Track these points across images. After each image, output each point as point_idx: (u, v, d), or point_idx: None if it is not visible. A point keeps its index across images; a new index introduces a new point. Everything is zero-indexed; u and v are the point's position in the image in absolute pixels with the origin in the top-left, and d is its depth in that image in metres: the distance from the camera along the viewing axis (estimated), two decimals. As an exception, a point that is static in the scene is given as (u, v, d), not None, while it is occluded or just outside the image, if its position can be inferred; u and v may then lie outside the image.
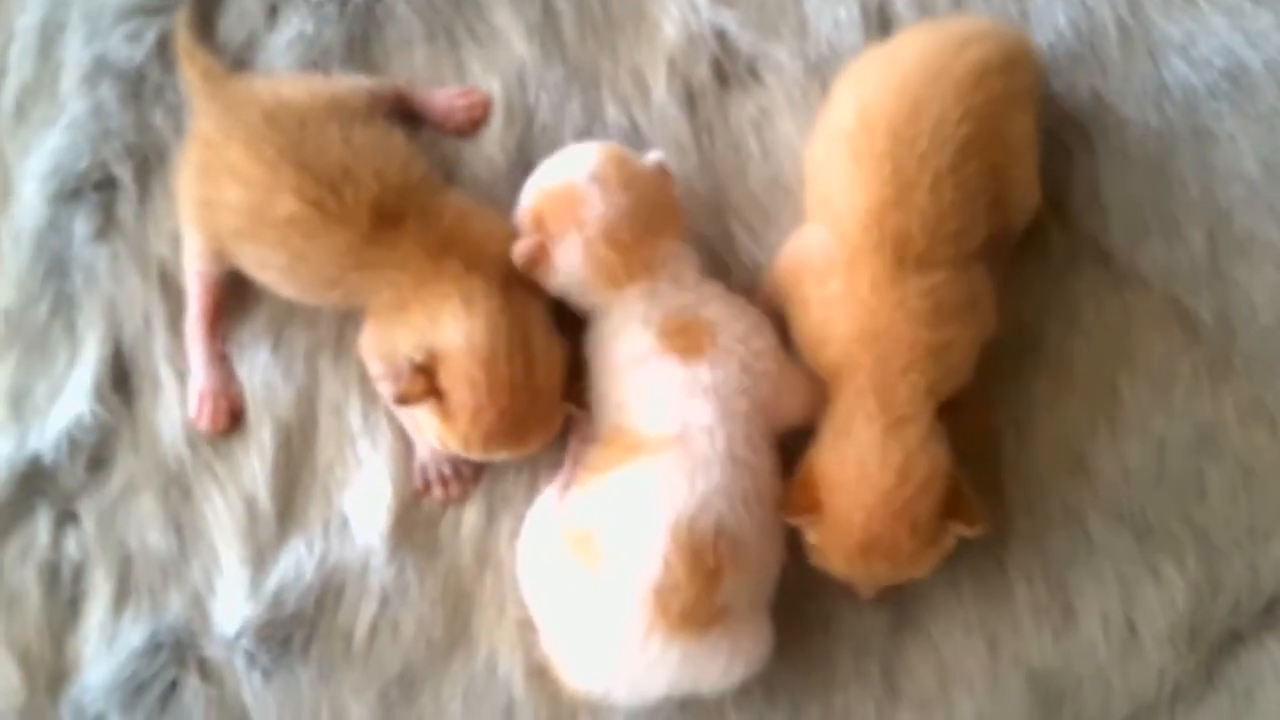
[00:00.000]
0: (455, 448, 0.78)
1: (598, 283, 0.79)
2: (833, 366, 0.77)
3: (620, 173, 0.79)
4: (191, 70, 0.85)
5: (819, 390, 0.78)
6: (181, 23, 0.89)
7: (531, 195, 0.81)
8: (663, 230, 0.80)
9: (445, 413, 0.76)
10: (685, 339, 0.77)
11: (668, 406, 0.76)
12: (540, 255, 0.79)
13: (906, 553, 0.74)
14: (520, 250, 0.79)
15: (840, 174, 0.77)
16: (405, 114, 0.89)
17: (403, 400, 0.77)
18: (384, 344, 0.81)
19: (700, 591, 0.71)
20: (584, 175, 0.79)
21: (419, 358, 0.76)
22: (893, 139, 0.75)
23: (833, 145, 0.79)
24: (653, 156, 0.82)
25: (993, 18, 0.90)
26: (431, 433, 0.79)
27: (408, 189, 0.79)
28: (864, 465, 0.73)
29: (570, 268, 0.79)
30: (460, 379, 0.75)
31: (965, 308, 0.77)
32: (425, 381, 0.75)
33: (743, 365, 0.77)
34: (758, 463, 0.76)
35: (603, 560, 0.74)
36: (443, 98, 0.90)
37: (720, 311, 0.79)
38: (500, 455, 0.78)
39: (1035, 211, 0.84)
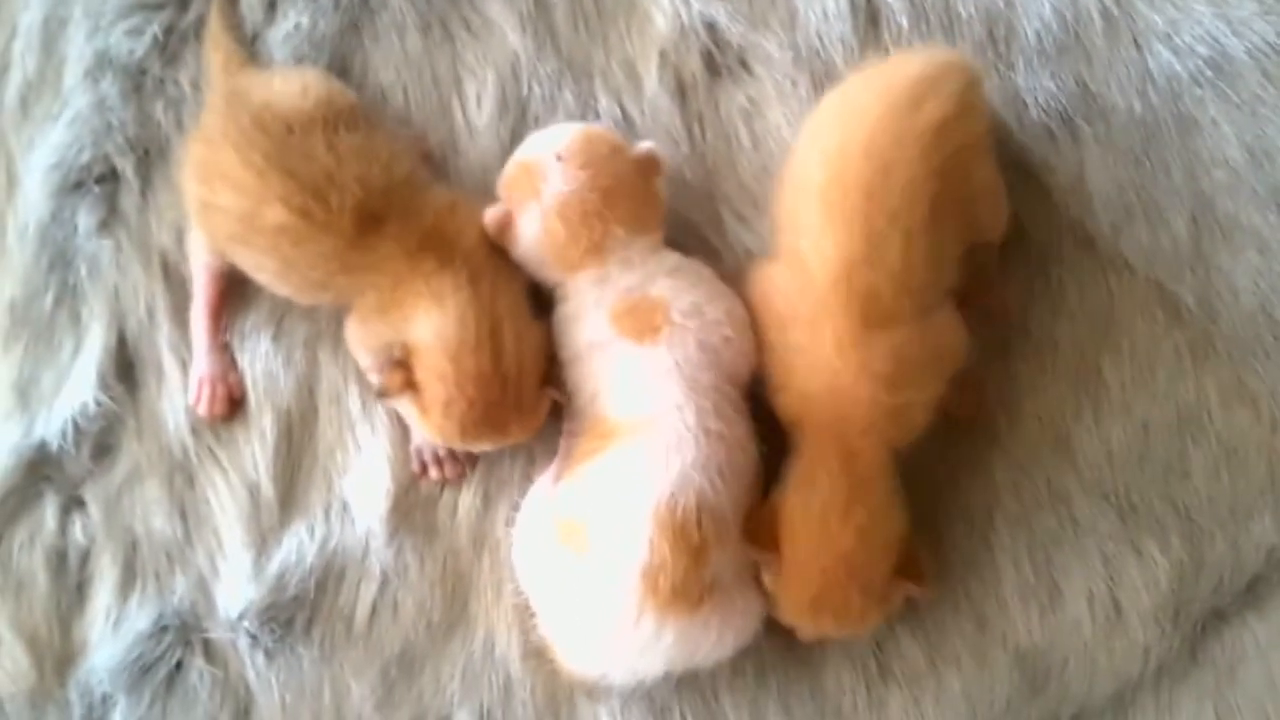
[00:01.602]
0: (437, 439, 0.79)
1: (552, 260, 0.80)
2: (792, 413, 0.78)
3: (587, 153, 0.81)
4: (215, 58, 0.87)
5: None
6: (215, 7, 0.90)
7: (509, 165, 0.84)
8: (617, 216, 0.80)
9: (422, 406, 0.78)
10: (637, 320, 0.78)
11: (634, 390, 0.77)
12: (506, 223, 0.81)
13: (855, 611, 0.75)
14: (489, 216, 0.81)
15: (811, 227, 0.76)
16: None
17: (382, 395, 0.79)
18: (367, 340, 0.82)
19: (688, 569, 0.72)
20: (551, 151, 0.81)
21: (397, 353, 0.78)
22: (865, 197, 0.75)
23: (803, 198, 0.78)
24: (643, 146, 0.83)
25: (939, 48, 0.90)
26: (414, 426, 0.81)
27: (390, 190, 0.80)
28: (826, 522, 0.74)
29: (528, 240, 0.80)
30: (431, 372, 0.77)
31: (928, 363, 0.77)
32: (403, 376, 0.77)
33: (699, 340, 0.78)
34: (731, 433, 0.76)
35: (591, 547, 0.75)
36: None
37: (669, 286, 0.79)
38: (482, 445, 0.80)
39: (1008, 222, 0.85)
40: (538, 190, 0.80)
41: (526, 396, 0.79)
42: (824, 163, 0.77)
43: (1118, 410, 0.85)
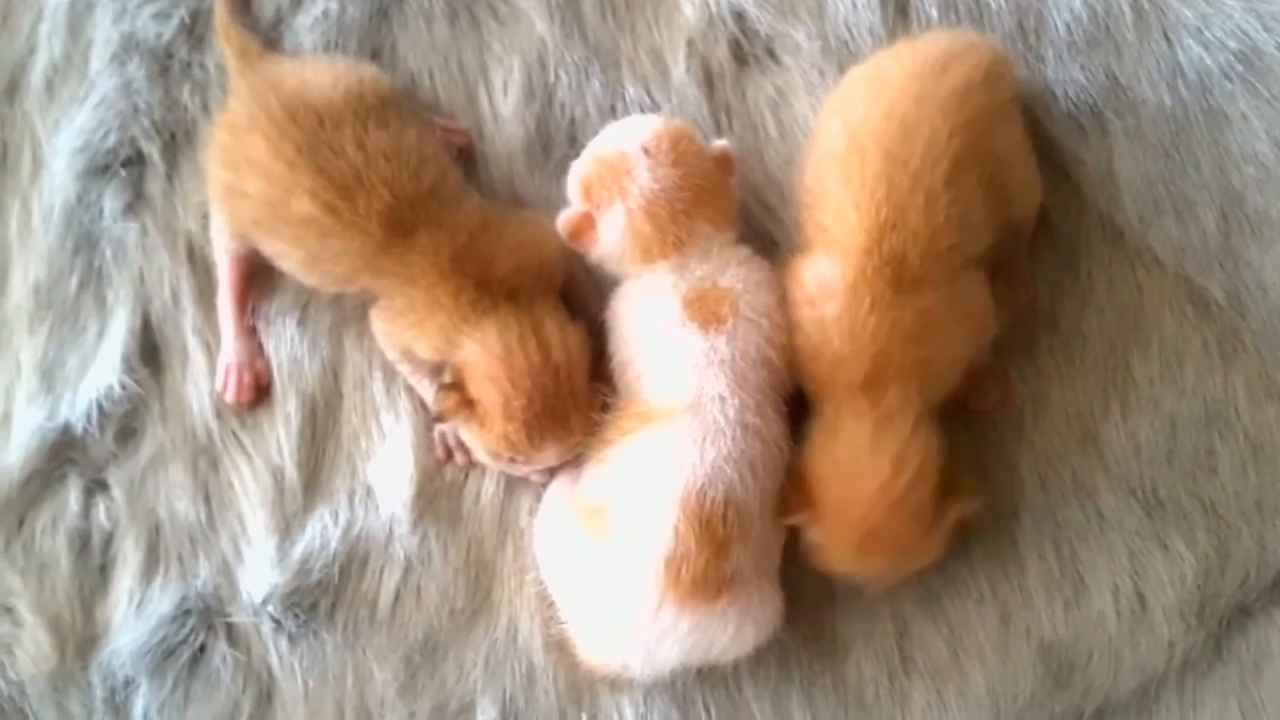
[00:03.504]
0: (504, 453, 0.78)
1: (633, 254, 0.79)
2: (822, 378, 0.78)
3: (673, 148, 0.79)
4: (228, 48, 0.87)
5: None
6: (219, 2, 0.90)
7: (584, 162, 0.82)
8: (704, 214, 0.79)
9: (482, 420, 0.77)
10: (707, 307, 0.77)
11: (679, 374, 0.76)
12: (585, 225, 0.80)
13: (907, 542, 0.75)
14: (565, 220, 0.80)
15: (834, 198, 0.77)
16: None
17: (440, 417, 0.79)
18: (394, 338, 0.82)
19: (710, 561, 0.72)
20: (635, 144, 0.79)
21: (447, 378, 0.78)
22: (886, 160, 0.75)
23: (825, 170, 0.79)
24: (719, 144, 0.82)
25: (962, 29, 0.91)
26: (480, 449, 0.80)
27: (419, 200, 0.79)
28: (856, 460, 0.74)
29: (611, 238, 0.79)
30: (484, 381, 0.77)
31: (957, 322, 0.77)
32: (457, 396, 0.77)
33: (762, 339, 0.77)
34: (768, 431, 0.76)
35: (613, 531, 0.74)
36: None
37: (741, 281, 0.79)
38: (549, 448, 0.78)
39: (1039, 205, 0.85)
40: (623, 187, 0.78)
41: (580, 387, 0.78)
42: (846, 131, 0.78)
43: (1145, 405, 0.85)
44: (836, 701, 0.82)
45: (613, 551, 0.75)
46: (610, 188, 0.79)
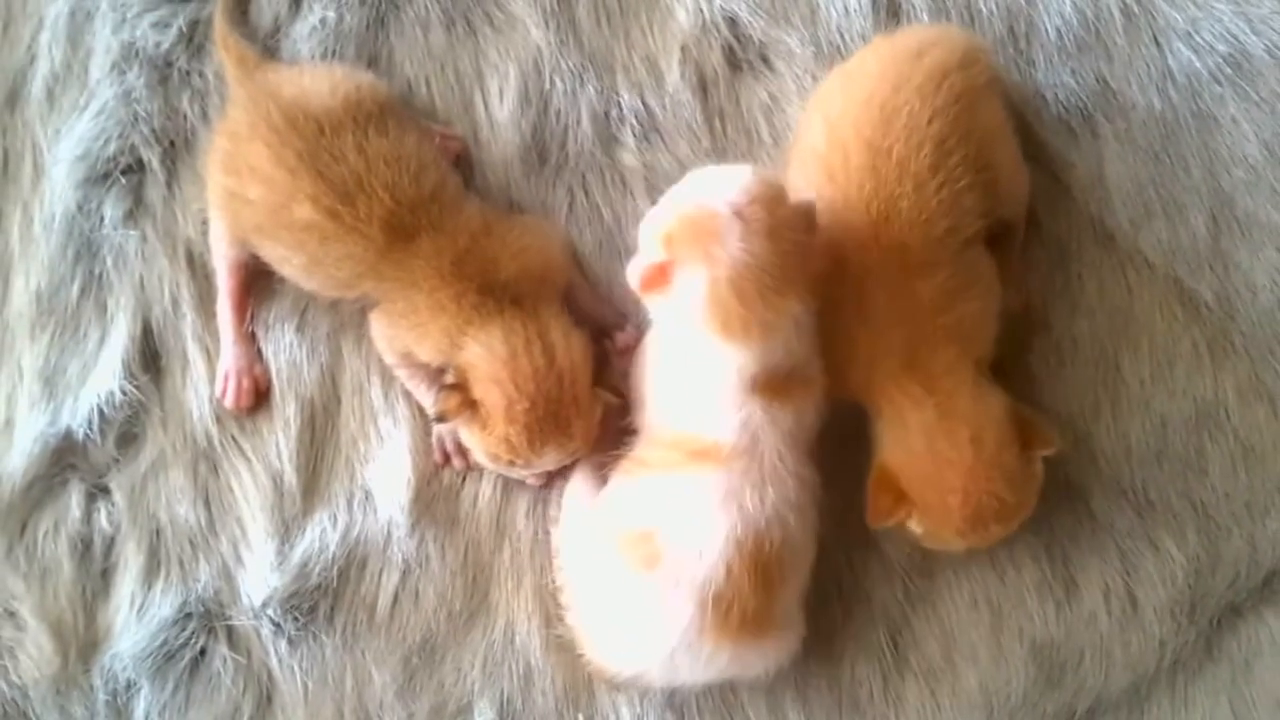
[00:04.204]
0: (504, 455, 0.79)
1: (711, 325, 0.71)
2: (861, 382, 0.78)
3: (769, 213, 0.70)
4: (226, 57, 0.88)
5: None
6: (218, 10, 0.91)
7: (664, 214, 0.74)
8: (796, 291, 0.72)
9: (484, 421, 0.78)
10: (777, 391, 0.74)
11: (739, 427, 0.73)
12: (661, 279, 0.72)
13: (1012, 505, 0.75)
14: (638, 269, 0.73)
15: (822, 199, 0.76)
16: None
17: (442, 417, 0.79)
18: (395, 341, 0.83)
19: (761, 603, 0.72)
20: (725, 203, 0.70)
21: (450, 378, 0.79)
22: (868, 150, 0.76)
23: (807, 170, 0.79)
24: (804, 200, 0.74)
25: (944, 22, 0.92)
26: (480, 451, 0.80)
27: (420, 204, 0.80)
28: (936, 448, 0.74)
29: (687, 301, 0.71)
30: (488, 383, 0.77)
31: (972, 284, 0.78)
32: (459, 397, 0.78)
33: (816, 399, 0.76)
34: (810, 475, 0.76)
35: (663, 561, 0.73)
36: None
37: (815, 363, 0.76)
38: (549, 453, 0.79)
39: (1028, 199, 0.86)
40: (709, 252, 0.70)
41: (583, 393, 0.79)
42: (825, 125, 0.79)
43: (1136, 406, 0.86)
44: (831, 702, 0.83)
45: (659, 581, 0.74)
46: (693, 247, 0.71)
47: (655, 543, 0.73)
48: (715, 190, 0.72)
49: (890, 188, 0.76)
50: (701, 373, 0.74)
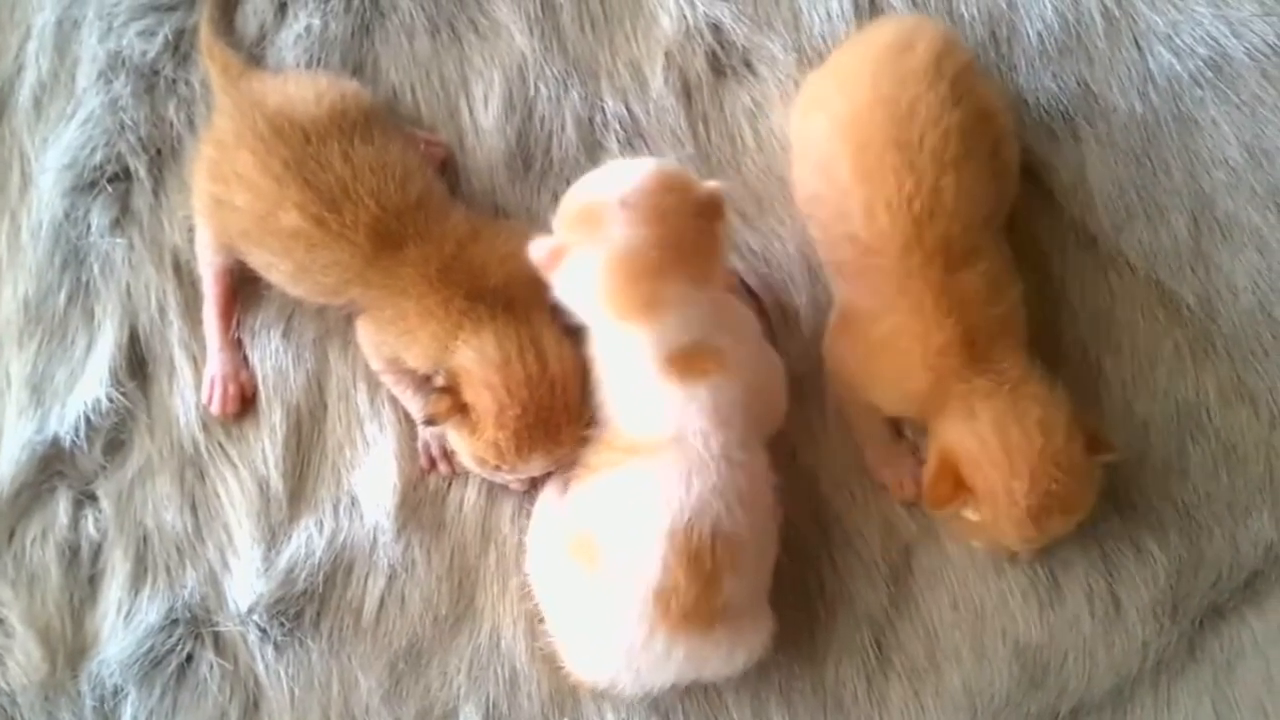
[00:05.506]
0: (491, 460, 0.79)
1: (605, 307, 0.75)
2: (923, 388, 0.78)
3: (654, 203, 0.75)
4: (211, 66, 0.88)
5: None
6: (204, 18, 0.92)
7: (569, 199, 0.79)
8: (684, 273, 0.75)
9: (473, 425, 0.78)
10: (687, 365, 0.75)
11: (663, 416, 0.75)
12: (556, 257, 0.76)
13: (1077, 498, 0.76)
14: (538, 248, 0.77)
15: (855, 203, 0.77)
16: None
17: (432, 420, 0.80)
18: (381, 347, 0.83)
19: (700, 593, 0.72)
20: (616, 195, 0.75)
21: (441, 381, 0.79)
22: (898, 150, 0.76)
23: (832, 177, 0.79)
24: (709, 185, 0.78)
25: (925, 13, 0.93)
26: (467, 455, 0.80)
27: (406, 211, 0.81)
28: (1006, 436, 0.75)
29: (577, 281, 0.76)
30: (480, 387, 0.77)
31: (1009, 274, 0.80)
32: (450, 400, 0.78)
33: (746, 382, 0.76)
34: (751, 462, 0.76)
35: (602, 561, 0.74)
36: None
37: (727, 339, 0.77)
38: (538, 459, 0.79)
39: (1015, 195, 0.86)
40: (595, 235, 0.75)
41: (573, 401, 0.79)
42: (840, 131, 0.79)
43: (1118, 408, 0.86)
44: (816, 704, 0.83)
45: (601, 580, 0.75)
46: (583, 231, 0.76)
47: (595, 544, 0.75)
48: (610, 180, 0.77)
49: (931, 180, 0.76)
50: (618, 362, 0.77)
